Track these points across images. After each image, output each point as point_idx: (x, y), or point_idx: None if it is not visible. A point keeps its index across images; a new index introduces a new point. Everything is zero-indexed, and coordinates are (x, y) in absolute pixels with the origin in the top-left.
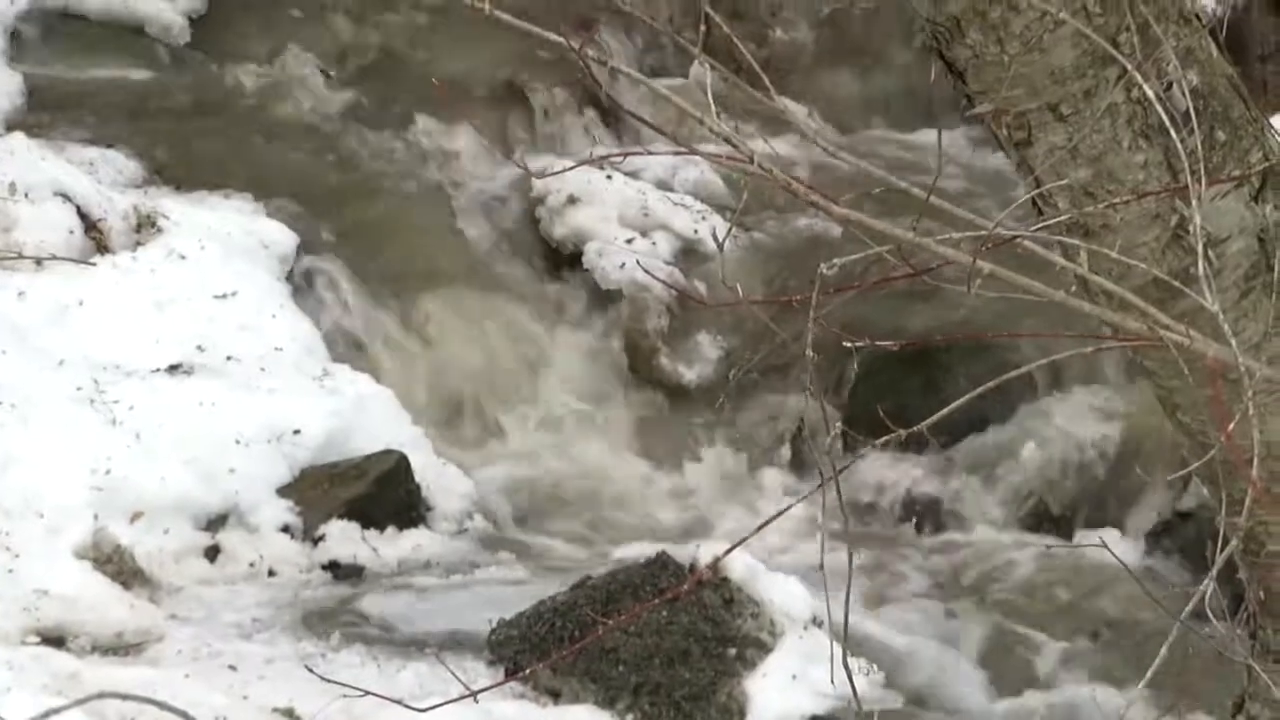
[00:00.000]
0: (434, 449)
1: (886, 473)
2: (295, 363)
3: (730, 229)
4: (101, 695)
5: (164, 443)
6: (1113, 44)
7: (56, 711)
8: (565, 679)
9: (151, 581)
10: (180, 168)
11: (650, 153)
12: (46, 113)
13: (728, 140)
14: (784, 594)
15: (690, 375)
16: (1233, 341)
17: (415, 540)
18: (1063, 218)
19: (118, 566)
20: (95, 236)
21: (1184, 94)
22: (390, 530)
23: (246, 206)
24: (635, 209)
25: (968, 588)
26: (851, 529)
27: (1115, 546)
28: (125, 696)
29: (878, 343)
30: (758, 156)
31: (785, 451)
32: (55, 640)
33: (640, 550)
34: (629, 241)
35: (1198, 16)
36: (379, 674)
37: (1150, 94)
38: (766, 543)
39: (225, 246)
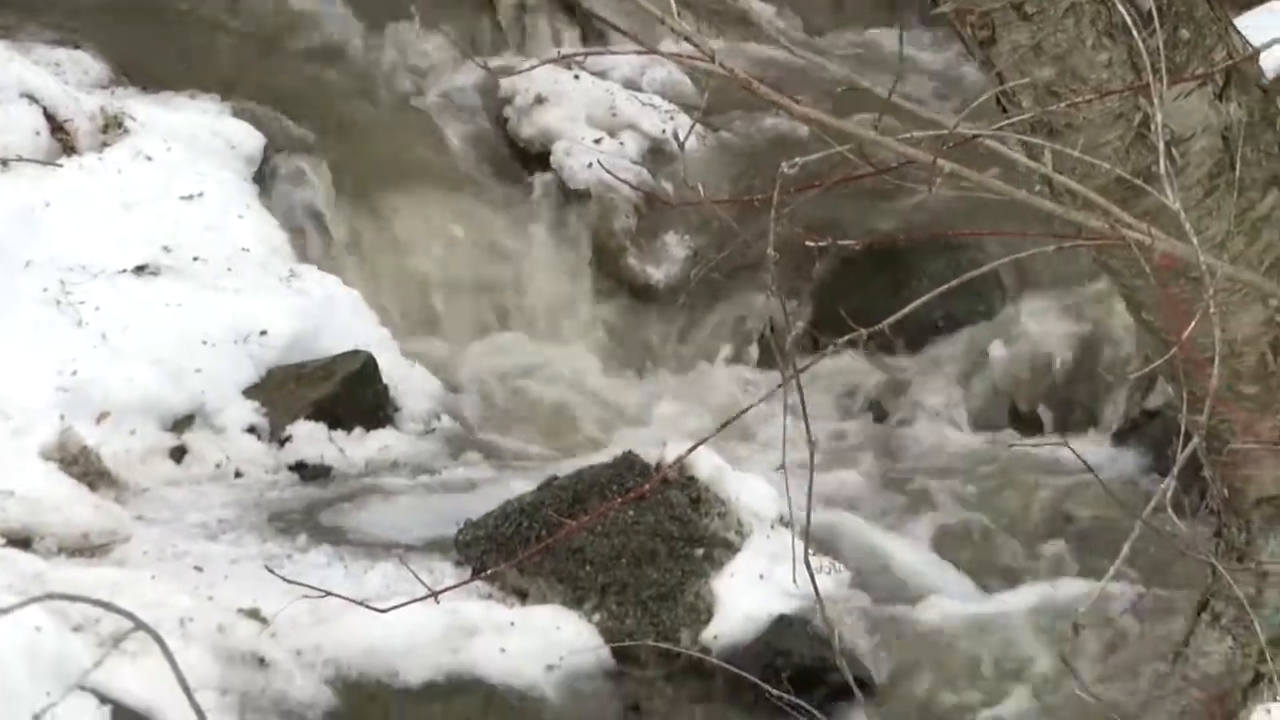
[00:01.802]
0: (401, 349)
1: (853, 373)
2: (262, 263)
3: (692, 128)
4: (50, 597)
5: (130, 343)
6: None
7: (4, 612)
8: (532, 579)
9: (118, 482)
10: (147, 69)
11: (612, 52)
12: (12, 14)
13: (688, 39)
14: (751, 493)
15: (658, 275)
16: (1194, 240)
17: (382, 441)
18: (1026, 116)
19: (84, 467)
20: (61, 138)
21: None
22: (357, 431)
23: (213, 107)
24: (603, 109)
25: (934, 487)
26: (818, 429)
27: (1082, 445)
28: (72, 598)
29: (841, 242)
30: (719, 55)
31: (753, 351)
32: (21, 541)
33: (607, 450)
34: (597, 141)
35: None
36: (346, 575)
37: None
38: (734, 442)
39: (192, 147)
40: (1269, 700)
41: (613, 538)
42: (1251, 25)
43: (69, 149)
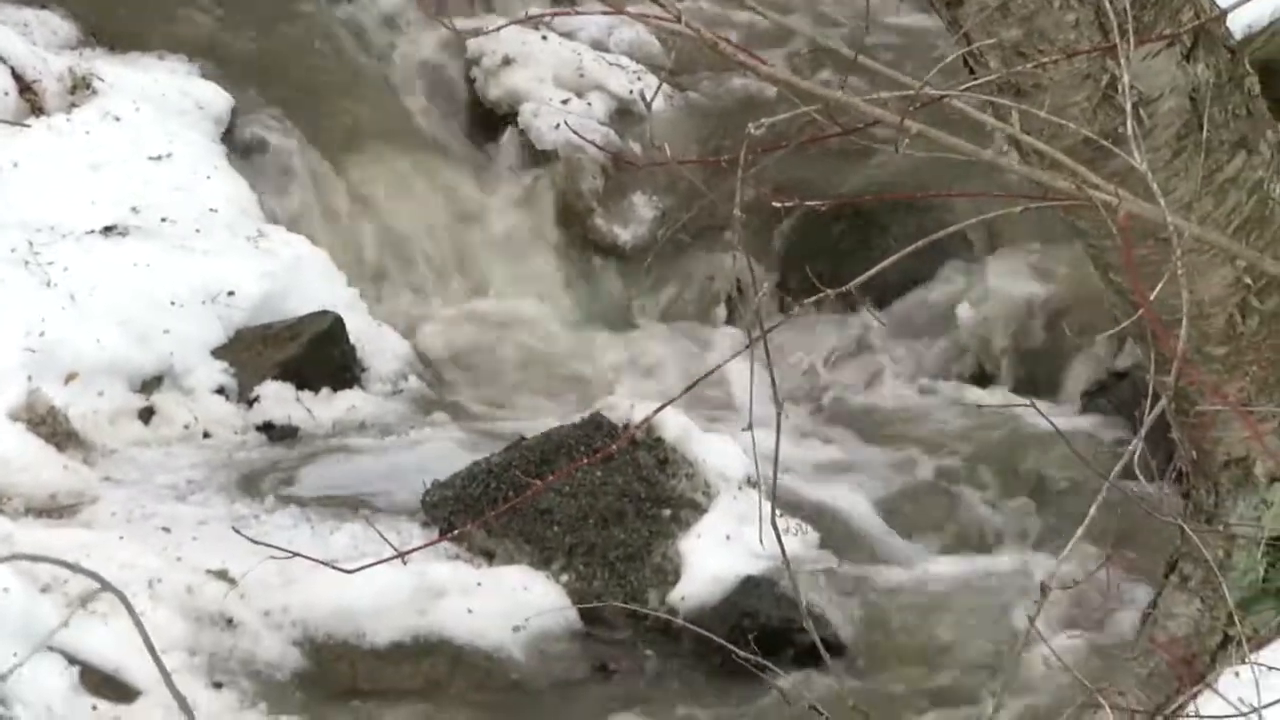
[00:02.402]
0: (369, 310)
1: (821, 333)
2: (230, 224)
3: (659, 88)
4: (16, 557)
5: (98, 304)
6: None
7: None
8: (499, 540)
9: (86, 443)
10: (115, 29)
11: (580, 12)
12: None
13: (656, 0)
14: (719, 454)
15: (625, 236)
16: (1161, 201)
17: (350, 401)
18: (993, 77)
19: (52, 428)
20: (30, 98)
21: None
22: (325, 391)
23: (181, 68)
24: (570, 69)
25: (902, 449)
26: (785, 390)
27: (1050, 406)
28: (39, 559)
29: (808, 203)
30: (686, 16)
31: (720, 311)
32: None
33: (575, 411)
34: (564, 102)
35: None
36: (313, 536)
37: None
38: (701, 403)
39: (160, 108)
40: (1237, 663)
41: (580, 499)
42: None
43: (37, 109)
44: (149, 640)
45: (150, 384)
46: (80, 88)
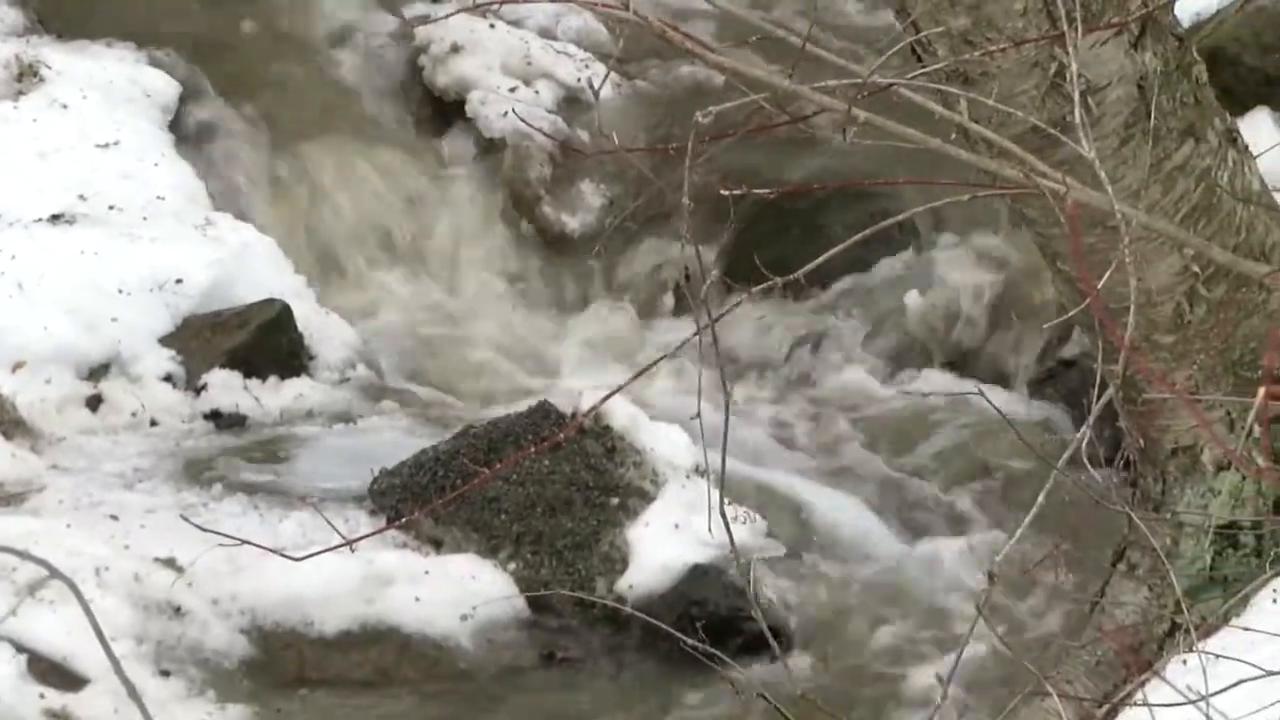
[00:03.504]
0: (317, 298)
1: (769, 322)
2: (177, 212)
3: (607, 76)
4: None
5: (46, 292)
6: None
7: None
8: (447, 528)
9: (33, 431)
10: (62, 16)
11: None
12: None
13: None
14: (667, 443)
15: (573, 224)
16: (1109, 189)
17: (298, 389)
18: (941, 65)
19: None
20: None
21: None
22: (273, 379)
23: (129, 55)
24: (518, 57)
25: (849, 436)
26: (733, 378)
27: (998, 394)
28: None
29: (756, 191)
30: (633, 3)
31: (668, 300)
32: None
33: (522, 399)
34: (512, 90)
35: None
36: (261, 523)
37: None
38: (650, 392)
39: (108, 96)
40: (1185, 651)
41: (528, 487)
42: None
43: None
44: (98, 628)
45: (98, 372)
46: (27, 75)
